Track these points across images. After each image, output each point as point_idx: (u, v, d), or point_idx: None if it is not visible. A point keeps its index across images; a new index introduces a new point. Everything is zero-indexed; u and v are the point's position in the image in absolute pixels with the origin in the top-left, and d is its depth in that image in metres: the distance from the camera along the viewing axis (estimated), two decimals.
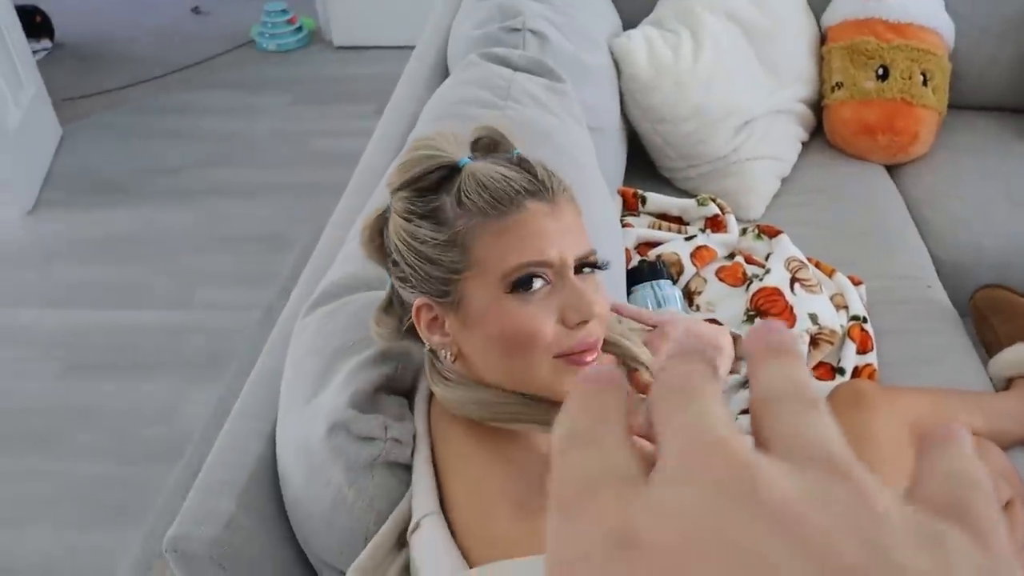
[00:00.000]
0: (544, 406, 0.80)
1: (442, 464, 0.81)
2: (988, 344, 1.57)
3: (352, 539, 0.83)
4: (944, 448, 0.23)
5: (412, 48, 1.81)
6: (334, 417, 0.83)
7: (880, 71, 1.92)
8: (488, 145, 0.84)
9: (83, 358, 2.29)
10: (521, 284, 0.75)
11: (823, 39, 2.03)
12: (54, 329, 2.39)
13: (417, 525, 0.77)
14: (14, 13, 2.95)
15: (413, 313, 0.81)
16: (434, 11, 1.88)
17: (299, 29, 3.74)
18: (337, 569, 0.88)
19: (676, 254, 1.32)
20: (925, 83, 1.93)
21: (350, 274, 1.04)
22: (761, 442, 0.22)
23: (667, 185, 1.89)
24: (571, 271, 0.77)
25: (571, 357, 0.77)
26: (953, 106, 2.03)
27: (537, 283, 0.76)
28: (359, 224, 0.87)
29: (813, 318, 1.39)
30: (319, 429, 0.84)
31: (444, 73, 1.69)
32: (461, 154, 0.79)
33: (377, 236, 0.85)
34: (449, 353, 0.81)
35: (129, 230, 2.73)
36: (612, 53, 1.77)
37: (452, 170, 0.78)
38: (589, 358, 0.78)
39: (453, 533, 0.77)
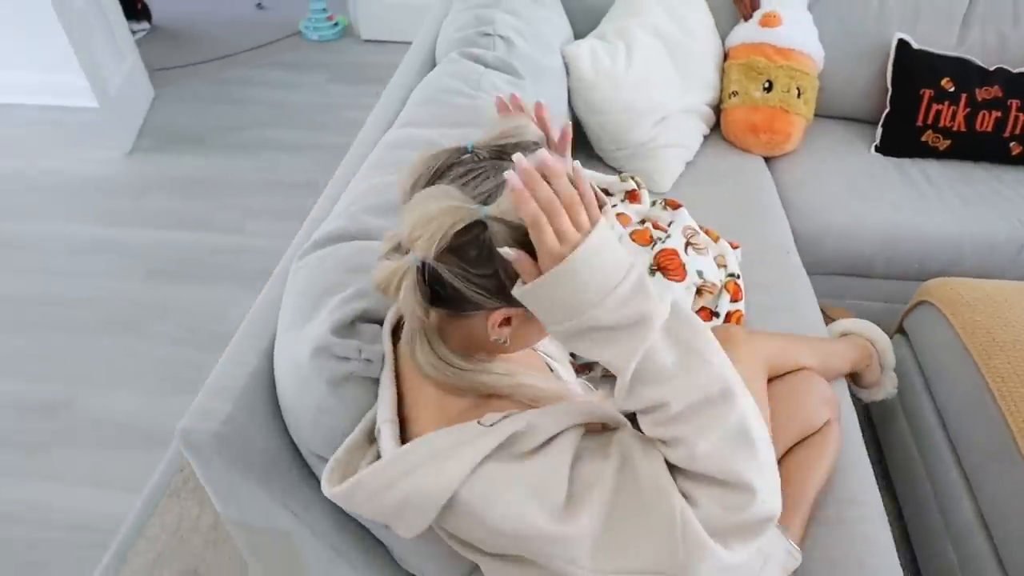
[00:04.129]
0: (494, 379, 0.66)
1: (404, 381, 0.70)
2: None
3: (333, 436, 0.74)
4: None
5: None
6: (317, 343, 0.73)
7: (766, 84, 1.76)
8: (437, 173, 0.60)
9: (162, 267, 2.13)
10: None
11: (725, 56, 1.86)
12: (140, 244, 2.22)
13: (378, 430, 0.67)
14: (117, 2, 2.66)
15: (488, 319, 0.62)
16: (429, 14, 1.68)
17: (336, 24, 3.44)
18: (323, 457, 0.79)
19: None
20: (799, 96, 1.77)
21: (341, 227, 0.91)
22: None
23: (599, 162, 1.74)
24: None
25: None
26: (818, 115, 1.89)
27: None
28: (384, 283, 0.61)
29: (700, 274, 1.27)
30: (306, 351, 0.74)
31: (433, 65, 1.51)
32: (468, 200, 0.56)
33: (421, 284, 0.59)
34: (506, 340, 0.64)
35: (203, 173, 2.52)
36: (563, 57, 1.59)
37: (479, 222, 0.56)
38: None
39: (410, 434, 0.65)
